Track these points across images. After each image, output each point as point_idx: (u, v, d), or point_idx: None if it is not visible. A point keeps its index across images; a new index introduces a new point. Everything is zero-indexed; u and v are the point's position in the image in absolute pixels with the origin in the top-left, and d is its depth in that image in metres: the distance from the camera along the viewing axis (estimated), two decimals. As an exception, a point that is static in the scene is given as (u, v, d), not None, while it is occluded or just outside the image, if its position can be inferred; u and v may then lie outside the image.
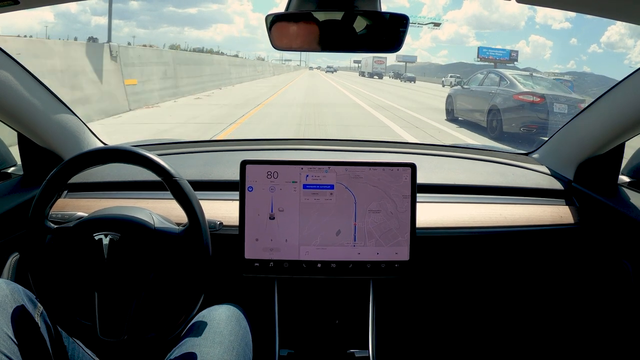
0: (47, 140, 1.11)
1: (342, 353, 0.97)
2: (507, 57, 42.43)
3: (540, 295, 1.25)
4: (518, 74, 7.71)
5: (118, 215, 0.83)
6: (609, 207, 1.07)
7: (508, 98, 6.52)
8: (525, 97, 6.30)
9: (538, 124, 6.06)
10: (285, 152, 1.35)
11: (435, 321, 1.31)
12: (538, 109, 6.19)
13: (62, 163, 0.80)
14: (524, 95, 6.34)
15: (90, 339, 0.80)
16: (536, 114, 6.17)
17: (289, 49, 0.85)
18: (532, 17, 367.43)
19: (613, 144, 1.09)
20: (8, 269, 0.97)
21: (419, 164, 0.98)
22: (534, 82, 6.94)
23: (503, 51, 43.39)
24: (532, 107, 6.22)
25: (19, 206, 1.02)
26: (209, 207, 1.02)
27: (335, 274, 0.97)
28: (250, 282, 1.03)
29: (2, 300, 0.72)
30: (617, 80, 1.04)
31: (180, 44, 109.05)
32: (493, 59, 41.22)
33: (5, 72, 0.95)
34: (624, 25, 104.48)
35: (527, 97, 6.30)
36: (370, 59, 50.15)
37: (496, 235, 1.10)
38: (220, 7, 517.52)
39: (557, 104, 6.18)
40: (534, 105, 6.22)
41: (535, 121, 6.12)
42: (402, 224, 0.96)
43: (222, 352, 0.80)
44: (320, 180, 0.96)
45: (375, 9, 0.79)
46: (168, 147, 1.39)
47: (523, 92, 6.40)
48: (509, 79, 6.85)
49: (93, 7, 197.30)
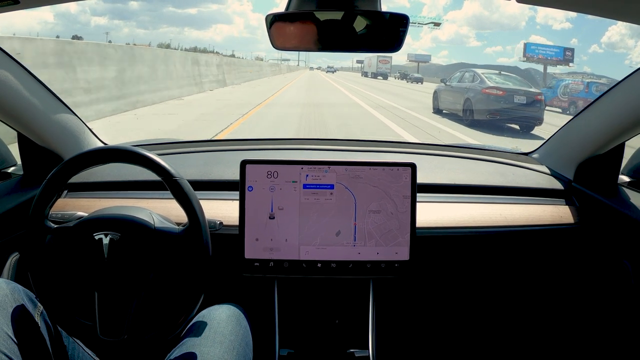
0: (47, 140, 1.11)
1: (342, 353, 0.97)
2: (560, 56, 32.12)
3: (540, 295, 1.25)
4: (489, 72, 9.06)
5: (118, 215, 0.83)
6: (609, 207, 1.07)
7: (478, 92, 8.07)
8: (491, 91, 7.92)
9: (500, 112, 7.69)
10: (285, 152, 1.35)
11: (435, 321, 1.31)
12: (501, 100, 7.76)
13: (62, 163, 0.80)
14: (490, 90, 7.95)
15: (90, 339, 0.80)
16: (499, 104, 7.73)
17: (289, 48, 0.85)
18: (533, 17, 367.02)
19: (613, 144, 1.09)
20: (8, 269, 0.97)
21: (419, 163, 0.98)
22: (502, 78, 8.60)
23: (556, 49, 32.89)
24: (496, 99, 7.80)
25: (19, 206, 1.02)
26: (209, 207, 1.02)
27: (335, 274, 0.97)
28: (250, 282, 1.03)
29: (2, 300, 0.71)
30: (618, 81, 1.04)
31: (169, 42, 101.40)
32: (543, 59, 32.07)
33: (5, 72, 0.94)
34: (624, 26, 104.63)
35: (492, 90, 7.92)
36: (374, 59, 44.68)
37: (496, 235, 1.10)
38: (220, 8, 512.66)
39: (517, 96, 7.74)
40: (498, 97, 7.80)
41: (498, 110, 7.71)
42: (402, 225, 0.96)
43: (222, 351, 0.80)
44: (320, 180, 0.96)
45: (375, 8, 0.79)
46: (168, 146, 1.39)
47: (489, 86, 8.02)
48: (480, 76, 8.45)
49: (93, 8, 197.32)
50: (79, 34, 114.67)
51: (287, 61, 67.85)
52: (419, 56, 62.49)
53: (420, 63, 59.62)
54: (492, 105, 7.79)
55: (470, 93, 8.26)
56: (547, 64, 32.45)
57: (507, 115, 7.68)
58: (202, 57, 13.72)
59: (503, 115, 7.68)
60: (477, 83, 8.33)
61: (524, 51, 31.99)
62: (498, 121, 7.78)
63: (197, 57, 12.96)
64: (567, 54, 32.45)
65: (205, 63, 13.34)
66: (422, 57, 63.54)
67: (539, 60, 32.25)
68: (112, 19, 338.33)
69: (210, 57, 15.41)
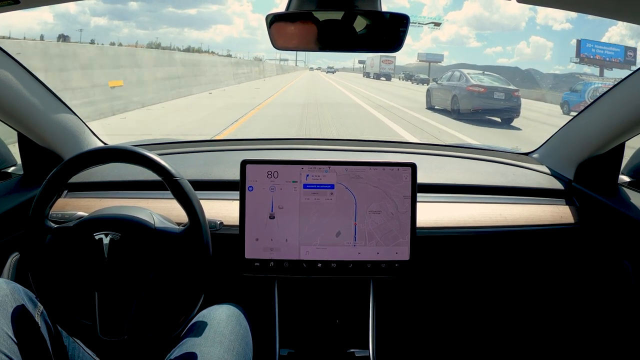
0: (47, 139, 1.11)
1: (342, 353, 0.97)
2: (621, 57, 24.59)
3: (540, 295, 1.25)
4: (474, 72, 10.36)
5: (118, 215, 0.83)
6: (609, 207, 1.07)
7: (463, 89, 9.32)
8: (474, 88, 9.14)
9: (482, 107, 9.00)
10: (286, 152, 1.35)
11: (435, 321, 1.31)
12: (482, 96, 8.99)
13: (62, 163, 0.80)
14: (473, 87, 9.19)
15: (90, 339, 0.80)
16: (481, 100, 8.98)
17: (289, 48, 0.85)
18: (533, 17, 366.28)
19: (613, 144, 1.09)
20: (8, 269, 0.97)
21: (420, 163, 0.98)
22: (485, 77, 9.85)
23: (616, 48, 25.21)
24: (479, 95, 9.04)
25: (19, 206, 1.02)
26: (209, 207, 1.02)
27: (336, 274, 0.97)
28: (251, 281, 1.03)
29: (2, 300, 0.71)
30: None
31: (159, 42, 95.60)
32: (600, 60, 24.40)
33: (5, 72, 0.94)
34: (625, 26, 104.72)
35: (475, 88, 9.13)
36: (377, 59, 41.47)
37: (496, 235, 1.10)
38: (220, 8, 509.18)
39: (497, 93, 9.03)
40: (480, 94, 9.03)
41: (480, 104, 9.00)
42: (402, 225, 0.96)
43: (222, 351, 0.80)
44: (320, 180, 0.96)
45: (375, 8, 0.79)
46: (168, 146, 1.39)
47: (473, 84, 9.26)
48: (465, 76, 9.66)
49: (92, 8, 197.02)
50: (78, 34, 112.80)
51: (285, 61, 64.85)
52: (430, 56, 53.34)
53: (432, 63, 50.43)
54: (475, 100, 9.02)
55: (457, 90, 9.52)
56: (605, 66, 24.75)
57: (488, 108, 9.01)
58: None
59: (485, 109, 9.01)
60: (463, 81, 9.54)
61: (578, 50, 24.76)
62: (481, 114, 9.04)
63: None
64: (629, 55, 24.74)
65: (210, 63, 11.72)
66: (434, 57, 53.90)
67: (595, 61, 24.81)
68: (111, 20, 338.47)
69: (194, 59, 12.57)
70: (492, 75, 10.34)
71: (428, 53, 54.52)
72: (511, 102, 8.94)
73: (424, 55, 51.04)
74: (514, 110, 8.94)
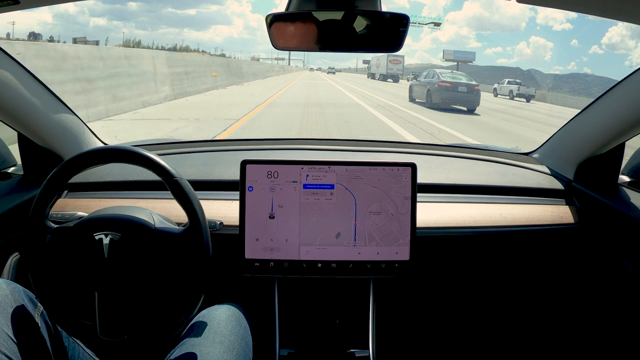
0: (47, 140, 1.11)
1: (342, 353, 0.97)
2: None
3: (540, 295, 1.25)
4: (444, 70, 13.38)
5: (118, 215, 0.83)
6: (609, 207, 1.07)
7: (434, 84, 12.03)
8: (443, 84, 11.76)
9: (448, 98, 11.63)
10: (286, 152, 1.35)
11: (435, 321, 1.31)
12: (449, 90, 11.66)
13: (62, 163, 0.80)
14: (442, 83, 11.82)
15: (90, 339, 0.80)
16: (448, 92, 11.65)
17: (289, 48, 0.85)
18: (533, 18, 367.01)
19: (613, 144, 1.09)
20: (8, 269, 0.97)
21: (419, 164, 0.98)
22: (452, 75, 12.84)
23: None
24: (446, 89, 11.69)
25: (19, 206, 1.02)
26: (209, 207, 1.02)
27: (336, 274, 0.97)
28: (251, 282, 1.03)
29: (2, 300, 0.71)
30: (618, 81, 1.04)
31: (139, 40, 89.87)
32: None
33: (5, 72, 0.94)
34: (625, 26, 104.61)
35: (443, 83, 11.76)
36: (383, 59, 35.49)
37: (496, 235, 1.10)
38: (219, 8, 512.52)
39: (460, 87, 11.66)
40: (447, 88, 11.68)
41: (447, 97, 11.62)
42: (403, 226, 0.96)
43: (222, 351, 0.80)
44: (320, 180, 0.96)
45: (375, 8, 0.79)
46: (168, 146, 1.39)
47: (442, 80, 11.91)
48: (437, 74, 12.30)
49: (91, 9, 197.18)
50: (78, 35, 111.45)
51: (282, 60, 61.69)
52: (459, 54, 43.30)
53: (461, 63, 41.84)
54: (444, 93, 11.67)
55: (430, 85, 12.31)
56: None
57: (453, 99, 11.74)
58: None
59: (451, 100, 11.72)
60: (435, 79, 12.19)
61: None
62: (448, 104, 11.66)
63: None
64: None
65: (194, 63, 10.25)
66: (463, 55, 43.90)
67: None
68: (111, 20, 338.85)
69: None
70: (458, 73, 13.92)
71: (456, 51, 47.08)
72: (472, 94, 11.72)
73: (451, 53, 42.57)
74: (474, 100, 11.75)
